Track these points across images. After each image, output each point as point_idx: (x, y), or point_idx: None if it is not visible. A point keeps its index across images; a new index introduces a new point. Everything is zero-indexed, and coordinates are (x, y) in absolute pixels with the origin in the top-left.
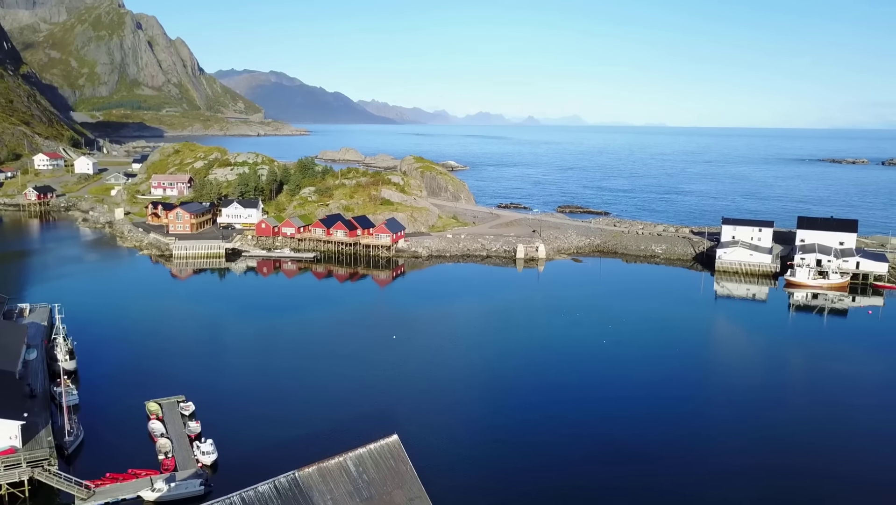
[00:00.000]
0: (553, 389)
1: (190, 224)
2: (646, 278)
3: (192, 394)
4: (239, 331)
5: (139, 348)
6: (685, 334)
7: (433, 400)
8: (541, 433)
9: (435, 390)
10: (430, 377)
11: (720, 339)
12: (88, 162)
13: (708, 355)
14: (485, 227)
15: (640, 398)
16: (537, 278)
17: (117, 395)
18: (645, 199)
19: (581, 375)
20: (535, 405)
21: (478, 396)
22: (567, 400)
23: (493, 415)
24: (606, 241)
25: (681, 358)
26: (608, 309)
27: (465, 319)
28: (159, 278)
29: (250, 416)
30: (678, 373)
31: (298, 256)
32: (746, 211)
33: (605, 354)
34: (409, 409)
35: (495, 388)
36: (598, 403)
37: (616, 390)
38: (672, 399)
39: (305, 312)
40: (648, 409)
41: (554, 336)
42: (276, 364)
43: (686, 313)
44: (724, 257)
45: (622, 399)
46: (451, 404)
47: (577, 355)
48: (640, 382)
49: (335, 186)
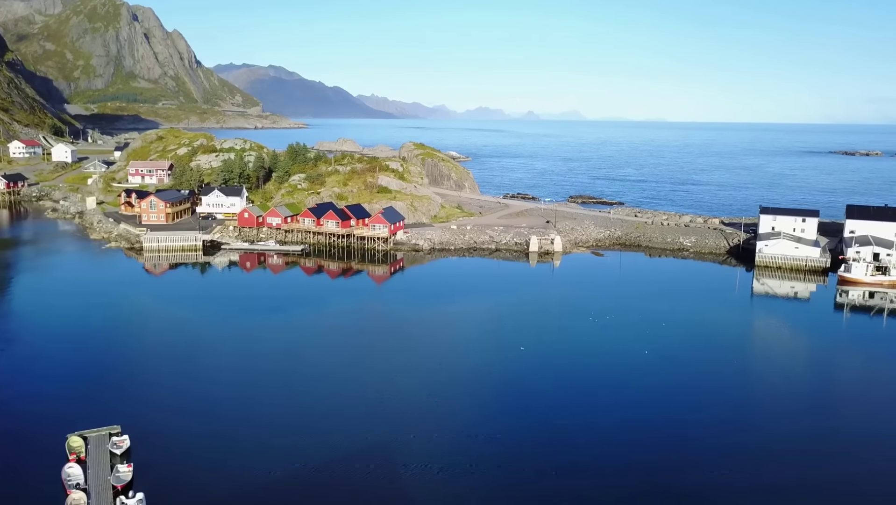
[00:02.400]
0: (591, 413)
1: (165, 213)
2: (675, 275)
3: (134, 423)
4: (208, 340)
5: (79, 362)
6: (728, 340)
7: (440, 435)
8: (585, 476)
9: (441, 421)
10: (432, 402)
11: (766, 345)
12: (67, 150)
13: (760, 367)
14: (493, 218)
15: (704, 426)
16: (554, 274)
17: (35, 424)
18: (660, 189)
19: (624, 395)
20: (576, 441)
21: (497, 430)
22: (613, 430)
23: (521, 461)
24: (628, 232)
25: (737, 376)
26: (641, 310)
27: (474, 323)
28: (125, 275)
29: (204, 457)
30: (736, 396)
31: (285, 250)
32: (772, 202)
33: (649, 366)
34: (410, 442)
35: (516, 414)
36: (653, 436)
37: (674, 415)
38: (733, 428)
39: (290, 315)
40: (714, 441)
41: (582, 345)
42: (246, 385)
43: (726, 316)
44: (765, 251)
45: (683, 426)
46: (462, 443)
47: (617, 371)
48: (697, 405)
49: (328, 173)
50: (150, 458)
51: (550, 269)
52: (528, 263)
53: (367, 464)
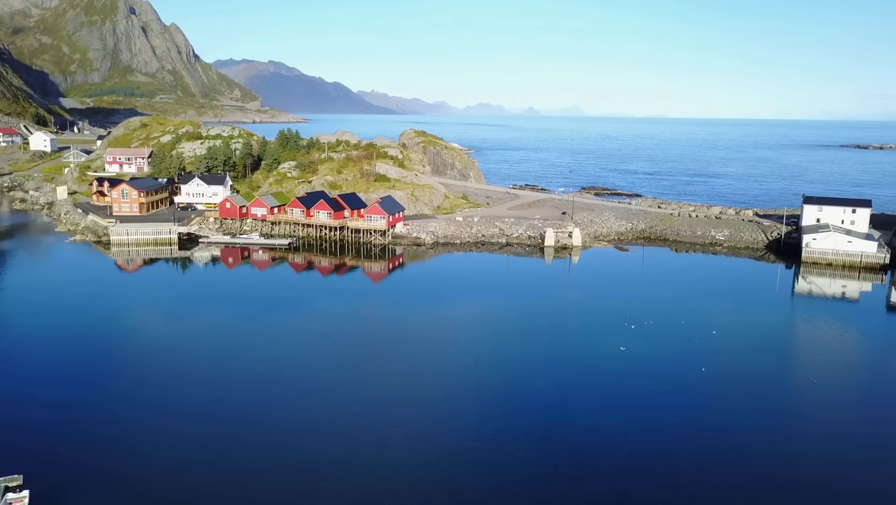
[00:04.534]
0: (633, 442)
1: (139, 203)
2: (711, 273)
3: (43, 470)
4: (165, 358)
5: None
6: (802, 354)
7: (447, 484)
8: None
9: (443, 469)
10: (438, 427)
11: (841, 357)
12: (46, 139)
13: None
14: (502, 209)
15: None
16: (574, 271)
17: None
18: (675, 181)
19: (696, 432)
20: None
21: (518, 472)
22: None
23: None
24: (653, 225)
25: (826, 398)
26: (683, 315)
27: (484, 328)
28: (83, 273)
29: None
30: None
31: (270, 244)
32: (797, 194)
33: (712, 388)
34: (411, 487)
35: (549, 457)
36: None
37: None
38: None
39: (273, 320)
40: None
41: (626, 361)
42: (205, 417)
43: (784, 321)
44: (813, 245)
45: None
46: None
47: (674, 394)
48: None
49: (320, 161)
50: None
51: (569, 265)
52: (543, 258)
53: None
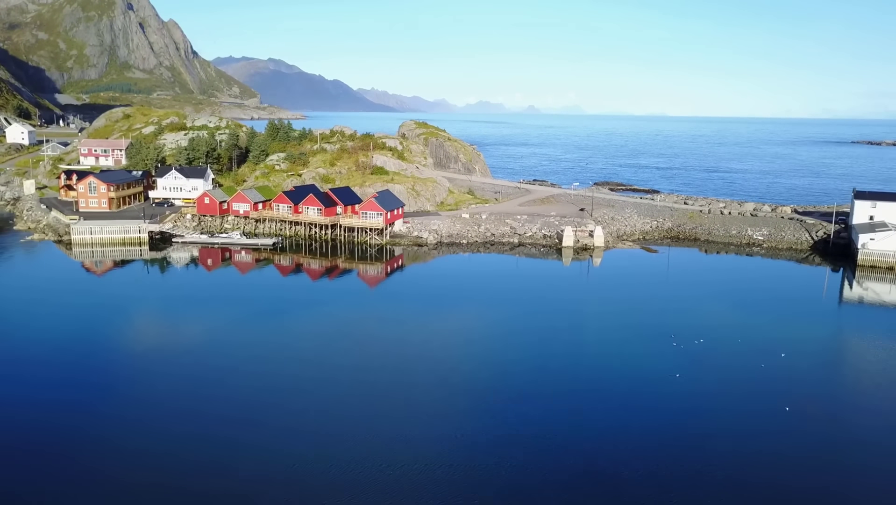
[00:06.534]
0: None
1: (108, 198)
2: (757, 281)
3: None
4: (129, 380)
5: None
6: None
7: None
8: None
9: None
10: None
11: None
12: (23, 130)
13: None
14: (513, 205)
15: None
16: (595, 275)
17: None
18: (692, 176)
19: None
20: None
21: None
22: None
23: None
24: (681, 223)
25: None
26: (739, 330)
27: (498, 344)
28: (33, 280)
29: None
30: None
31: (252, 244)
32: (830, 189)
33: (813, 435)
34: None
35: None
36: None
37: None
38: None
39: (254, 332)
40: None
41: (671, 393)
42: (174, 458)
43: (855, 338)
44: (870, 246)
45: None
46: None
47: (756, 449)
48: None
49: (312, 152)
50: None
51: (591, 268)
52: (560, 260)
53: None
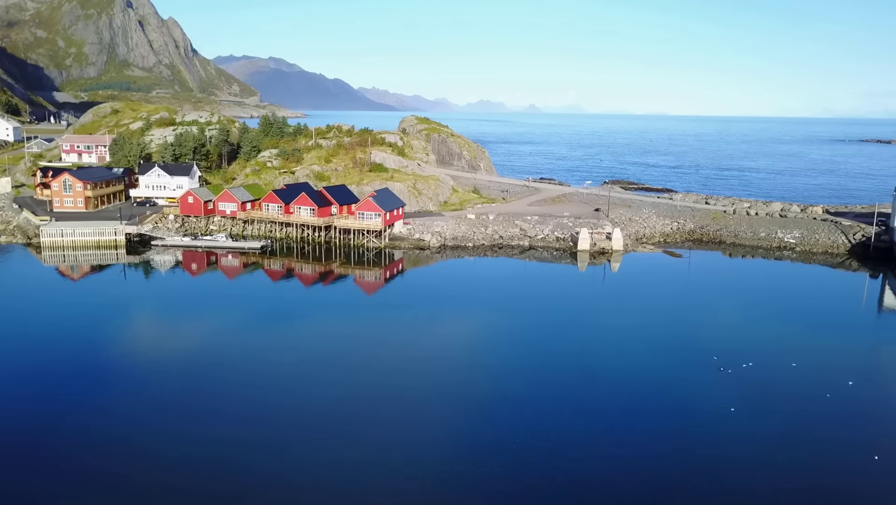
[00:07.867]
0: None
1: (84, 197)
2: (789, 286)
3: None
4: (100, 398)
5: None
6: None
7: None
8: None
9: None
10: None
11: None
12: (8, 127)
13: None
14: (522, 205)
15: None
16: (614, 281)
17: None
18: (705, 174)
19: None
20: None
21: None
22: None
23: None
24: (704, 224)
25: None
26: (791, 351)
27: (509, 357)
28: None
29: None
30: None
31: (239, 247)
32: (849, 189)
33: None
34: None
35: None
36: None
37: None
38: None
39: (241, 344)
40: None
41: (726, 433)
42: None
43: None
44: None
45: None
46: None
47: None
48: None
49: (306, 149)
50: None
51: (609, 274)
52: (575, 265)
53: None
